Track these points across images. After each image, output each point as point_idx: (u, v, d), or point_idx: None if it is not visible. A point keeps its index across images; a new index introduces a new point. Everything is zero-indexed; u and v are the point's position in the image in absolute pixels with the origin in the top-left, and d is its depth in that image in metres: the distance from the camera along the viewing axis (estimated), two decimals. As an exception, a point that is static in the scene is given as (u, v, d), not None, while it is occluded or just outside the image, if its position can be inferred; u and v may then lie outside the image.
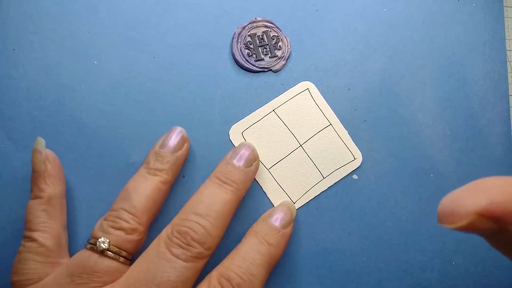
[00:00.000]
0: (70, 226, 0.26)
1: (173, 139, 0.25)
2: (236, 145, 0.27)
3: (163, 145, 0.25)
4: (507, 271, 0.27)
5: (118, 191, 0.26)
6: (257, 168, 0.26)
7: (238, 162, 0.25)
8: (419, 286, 0.27)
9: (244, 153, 0.25)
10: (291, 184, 0.27)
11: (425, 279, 0.27)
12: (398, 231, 0.27)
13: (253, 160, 0.25)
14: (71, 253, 0.25)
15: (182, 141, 0.25)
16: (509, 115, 0.28)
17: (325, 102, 0.28)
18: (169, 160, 0.24)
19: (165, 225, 0.24)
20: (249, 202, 0.27)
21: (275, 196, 0.27)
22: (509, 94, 0.29)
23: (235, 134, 0.27)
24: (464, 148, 0.28)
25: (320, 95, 0.28)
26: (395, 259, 0.27)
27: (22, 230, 0.26)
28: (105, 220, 0.23)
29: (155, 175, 0.24)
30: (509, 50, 0.29)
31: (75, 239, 0.26)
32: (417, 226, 0.27)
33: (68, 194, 0.26)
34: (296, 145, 0.27)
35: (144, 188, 0.23)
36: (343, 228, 0.27)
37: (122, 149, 0.27)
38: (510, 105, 0.29)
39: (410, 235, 0.27)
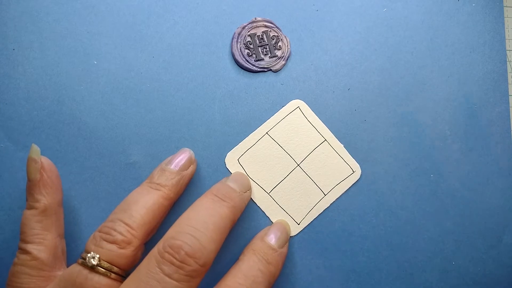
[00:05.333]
0: (68, 226, 0.26)
1: (181, 158, 0.25)
2: (232, 172, 0.27)
3: (169, 163, 0.25)
4: (507, 271, 0.27)
5: (117, 191, 0.26)
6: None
7: (233, 183, 0.25)
8: (419, 286, 0.27)
9: (239, 178, 0.25)
10: (293, 205, 0.27)
11: (425, 279, 0.27)
12: (398, 231, 0.27)
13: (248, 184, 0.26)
14: (70, 255, 0.25)
15: (189, 162, 0.25)
16: (509, 115, 0.28)
17: (317, 118, 0.27)
18: (174, 177, 0.24)
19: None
20: (249, 224, 0.27)
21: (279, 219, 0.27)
22: (509, 94, 0.29)
23: (231, 161, 0.27)
24: (464, 148, 0.28)
25: (312, 111, 0.27)
26: (395, 259, 0.27)
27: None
28: (99, 231, 0.22)
29: (157, 189, 0.23)
30: (509, 50, 0.29)
31: (74, 240, 0.26)
32: (417, 226, 0.27)
33: (68, 194, 0.26)
34: (294, 165, 0.27)
35: (144, 201, 0.23)
36: (343, 228, 0.27)
37: (122, 149, 0.27)
38: (510, 105, 0.29)
39: (410, 235, 0.27)
